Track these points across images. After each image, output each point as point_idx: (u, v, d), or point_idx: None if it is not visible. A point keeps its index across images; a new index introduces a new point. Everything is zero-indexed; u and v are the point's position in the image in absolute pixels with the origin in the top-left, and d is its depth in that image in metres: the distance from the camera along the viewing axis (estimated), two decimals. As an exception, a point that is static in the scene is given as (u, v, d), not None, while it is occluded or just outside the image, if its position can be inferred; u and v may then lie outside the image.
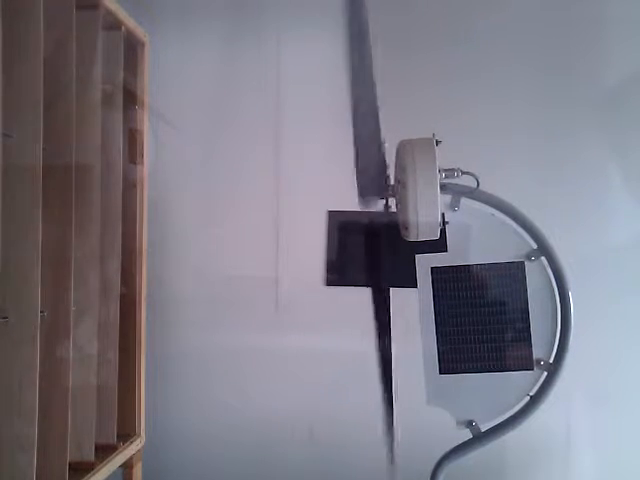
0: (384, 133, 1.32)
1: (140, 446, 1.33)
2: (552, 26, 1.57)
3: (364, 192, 1.28)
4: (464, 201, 1.22)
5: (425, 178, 1.09)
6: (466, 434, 1.24)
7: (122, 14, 1.23)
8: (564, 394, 1.24)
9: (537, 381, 1.21)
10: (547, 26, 1.57)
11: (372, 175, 1.26)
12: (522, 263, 1.22)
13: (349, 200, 1.36)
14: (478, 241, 1.23)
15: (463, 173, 1.15)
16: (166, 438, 1.54)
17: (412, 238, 1.16)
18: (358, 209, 1.35)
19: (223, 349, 1.56)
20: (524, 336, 1.22)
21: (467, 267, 1.23)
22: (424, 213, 1.10)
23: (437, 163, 1.11)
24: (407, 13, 1.56)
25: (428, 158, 1.11)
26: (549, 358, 1.21)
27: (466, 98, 1.55)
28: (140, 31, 1.32)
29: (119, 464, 1.23)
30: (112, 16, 1.20)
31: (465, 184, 1.20)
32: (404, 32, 1.56)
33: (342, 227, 1.49)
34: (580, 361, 1.25)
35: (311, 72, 1.59)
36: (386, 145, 1.27)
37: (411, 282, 1.24)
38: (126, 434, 1.29)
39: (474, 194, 1.19)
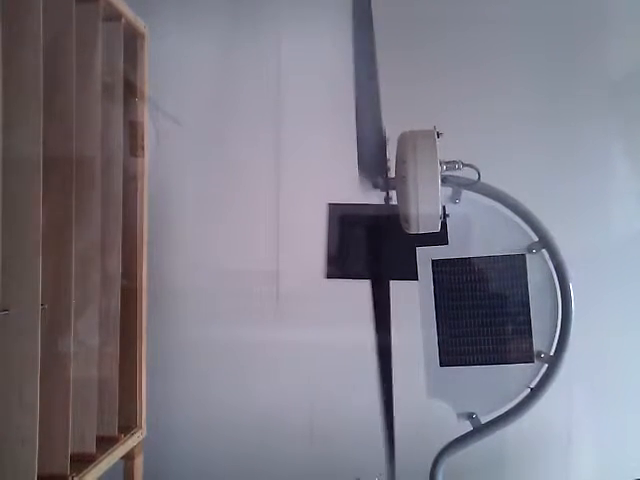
0: (385, 124, 1.31)
1: (141, 438, 1.33)
2: (555, 16, 1.56)
3: (364, 169, 1.26)
4: (465, 193, 1.22)
5: (426, 170, 1.09)
6: (466, 426, 1.24)
7: (122, 5, 1.23)
8: (565, 387, 1.24)
9: (538, 373, 1.21)
10: (549, 16, 1.56)
11: (373, 154, 1.25)
12: (523, 256, 1.22)
13: (350, 193, 1.35)
14: (479, 234, 1.23)
15: (464, 165, 1.15)
16: (167, 430, 1.55)
17: (413, 231, 1.15)
18: (359, 202, 1.34)
19: (224, 342, 1.57)
20: (525, 328, 1.22)
21: (468, 260, 1.23)
22: (425, 205, 1.10)
23: (438, 155, 1.10)
24: (409, 4, 1.56)
25: (429, 150, 1.10)
26: (550, 350, 1.21)
27: (467, 91, 1.55)
28: (140, 22, 1.31)
29: (120, 456, 1.23)
30: (112, 7, 1.20)
31: (466, 176, 1.19)
32: (405, 23, 1.55)
33: (343, 220, 1.49)
34: (581, 354, 1.25)
35: (311, 64, 1.58)
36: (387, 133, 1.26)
37: (412, 275, 1.23)
38: (127, 426, 1.30)
39: (475, 186, 1.19)
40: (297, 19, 1.60)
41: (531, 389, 1.21)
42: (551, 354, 1.21)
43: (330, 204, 1.48)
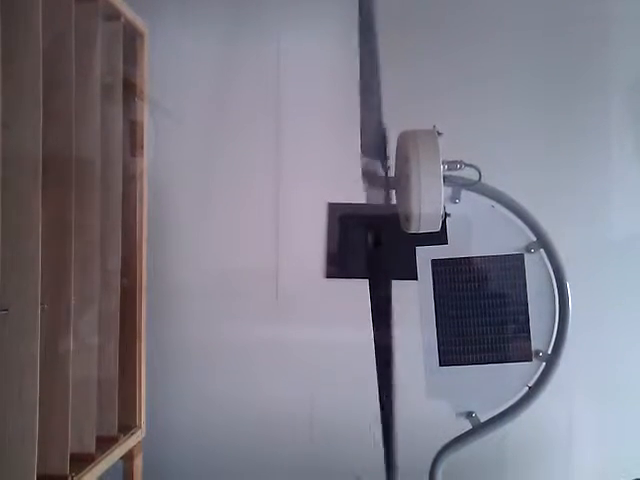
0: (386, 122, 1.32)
1: (141, 438, 1.33)
2: (556, 16, 1.56)
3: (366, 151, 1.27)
4: (464, 193, 1.22)
5: (429, 169, 1.09)
6: (466, 425, 1.24)
7: (121, 4, 1.22)
8: (565, 386, 1.24)
9: (536, 372, 1.22)
10: (551, 16, 1.56)
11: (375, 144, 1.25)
12: (521, 255, 1.23)
13: (350, 192, 1.36)
14: (478, 233, 1.23)
15: (465, 165, 1.15)
16: (166, 430, 1.54)
17: (413, 230, 1.15)
18: (358, 202, 1.35)
19: (223, 341, 1.57)
20: (523, 327, 1.22)
21: (467, 259, 1.23)
22: (427, 204, 1.10)
23: (440, 154, 1.10)
24: (411, 5, 1.56)
25: (431, 149, 1.10)
26: (547, 349, 1.22)
27: (466, 91, 1.55)
28: (140, 22, 1.31)
29: (120, 456, 1.23)
30: (111, 7, 1.19)
31: (466, 176, 1.20)
32: (407, 24, 1.55)
33: (342, 219, 1.49)
34: (581, 353, 1.26)
35: (312, 64, 1.58)
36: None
37: (411, 274, 1.24)
38: (127, 426, 1.29)
39: (475, 186, 1.19)
40: (298, 18, 1.60)
41: (529, 387, 1.22)
42: (549, 352, 1.21)
43: (330, 203, 1.49)
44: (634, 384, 1.52)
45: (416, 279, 1.24)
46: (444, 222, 1.17)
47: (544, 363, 1.22)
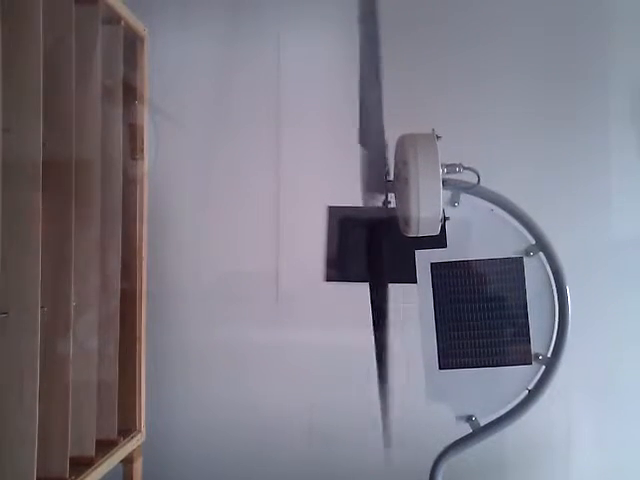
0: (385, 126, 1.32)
1: (141, 441, 1.33)
2: (556, 17, 1.56)
3: (370, 186, 1.28)
4: (463, 197, 1.23)
5: (427, 173, 1.09)
6: (465, 429, 1.24)
7: (121, 8, 1.23)
8: (564, 389, 1.24)
9: (535, 375, 1.22)
10: (552, 17, 1.57)
11: (377, 169, 1.26)
12: (521, 259, 1.23)
13: (349, 196, 1.36)
14: (477, 237, 1.24)
15: (464, 169, 1.15)
16: (166, 433, 1.54)
17: (413, 234, 1.16)
18: (358, 205, 1.35)
19: (223, 344, 1.57)
20: (523, 331, 1.22)
21: (466, 263, 1.23)
22: (426, 208, 1.10)
23: (439, 158, 1.10)
24: (411, 7, 1.56)
25: (430, 153, 1.10)
26: (547, 352, 1.22)
27: (466, 93, 1.55)
28: (140, 25, 1.32)
29: (120, 459, 1.23)
30: (111, 10, 1.20)
31: (465, 180, 1.20)
32: (408, 26, 1.56)
33: (342, 223, 1.50)
34: (580, 356, 1.26)
35: (312, 67, 1.58)
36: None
37: (411, 278, 1.24)
38: (127, 429, 1.29)
39: (473, 190, 1.19)
40: (298, 20, 1.61)
41: (529, 391, 1.22)
42: (549, 356, 1.21)
43: (330, 207, 1.49)
44: (634, 387, 1.53)
45: (415, 282, 1.24)
46: (443, 225, 1.17)
47: (544, 366, 1.22)
